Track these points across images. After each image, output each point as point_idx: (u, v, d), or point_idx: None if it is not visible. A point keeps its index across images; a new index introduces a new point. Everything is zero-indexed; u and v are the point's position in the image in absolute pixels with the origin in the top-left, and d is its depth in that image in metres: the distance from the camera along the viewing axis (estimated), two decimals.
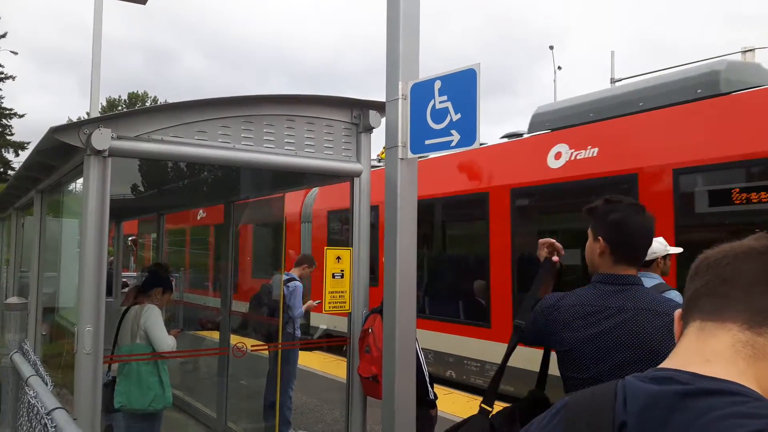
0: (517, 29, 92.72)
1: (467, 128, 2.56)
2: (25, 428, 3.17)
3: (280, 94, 3.47)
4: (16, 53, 45.06)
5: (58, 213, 4.84)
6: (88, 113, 11.10)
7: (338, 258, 3.57)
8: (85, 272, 2.87)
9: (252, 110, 3.34)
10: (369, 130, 3.65)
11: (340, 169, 3.63)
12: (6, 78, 38.73)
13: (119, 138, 2.93)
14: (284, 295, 5.98)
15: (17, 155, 39.17)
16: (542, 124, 7.87)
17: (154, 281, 4.58)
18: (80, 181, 3.26)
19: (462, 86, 2.60)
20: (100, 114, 11.61)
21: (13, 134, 39.78)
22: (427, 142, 2.74)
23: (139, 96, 50.92)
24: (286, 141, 3.44)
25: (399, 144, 2.84)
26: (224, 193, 5.74)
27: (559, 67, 34.91)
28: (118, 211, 7.31)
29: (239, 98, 3.32)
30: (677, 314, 0.98)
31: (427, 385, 3.68)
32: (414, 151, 2.81)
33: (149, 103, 49.58)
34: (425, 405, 3.61)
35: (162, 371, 4.25)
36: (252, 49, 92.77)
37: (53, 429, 2.43)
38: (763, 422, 0.73)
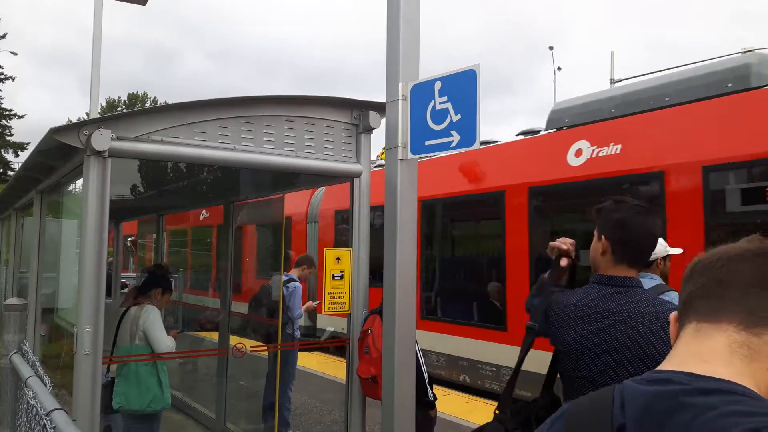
0: (517, 29, 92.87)
1: (467, 129, 2.56)
2: (24, 429, 3.16)
3: (279, 95, 3.47)
4: (15, 54, 44.95)
5: (58, 213, 4.83)
6: (87, 114, 11.10)
7: (338, 259, 3.57)
8: (85, 273, 2.87)
9: (252, 111, 3.34)
10: (369, 130, 3.65)
11: (340, 169, 3.63)
12: (6, 79, 38.69)
13: (119, 139, 2.93)
14: (284, 296, 5.98)
15: (17, 156, 39.13)
16: (561, 121, 7.60)
17: (154, 282, 4.58)
18: (80, 181, 3.26)
19: (462, 87, 2.61)
20: (99, 115, 11.60)
21: (12, 135, 39.72)
22: (427, 142, 2.75)
23: (139, 97, 50.91)
24: (286, 142, 3.44)
25: (399, 145, 2.84)
26: (224, 193, 5.74)
27: (558, 68, 34.86)
28: (117, 211, 7.32)
29: (239, 99, 3.32)
30: (673, 317, 0.99)
31: (427, 386, 3.68)
32: (414, 151, 2.82)
33: (149, 103, 49.56)
34: (424, 406, 3.61)
35: (161, 372, 4.25)
36: (254, 49, 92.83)
37: (52, 430, 2.43)
38: (760, 420, 0.74)
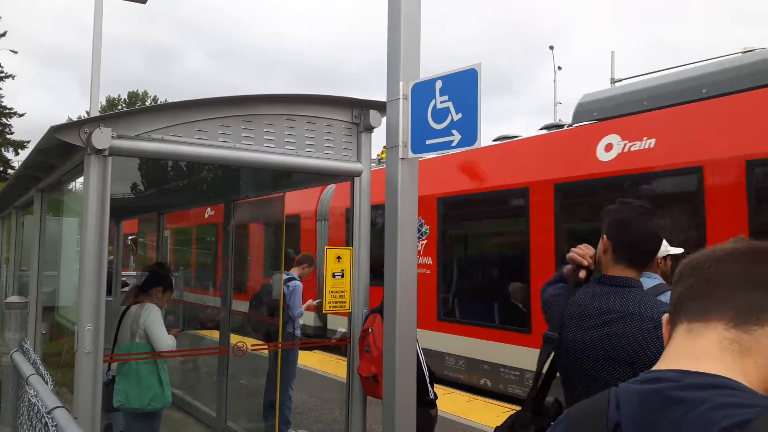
0: (517, 29, 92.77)
1: (468, 128, 2.57)
2: (26, 427, 3.16)
3: (280, 94, 3.47)
4: (15, 52, 44.95)
5: (58, 212, 4.83)
6: (87, 112, 11.09)
7: (338, 257, 3.57)
8: (86, 271, 2.88)
9: (252, 109, 3.34)
10: (369, 129, 3.65)
11: (340, 168, 3.63)
12: (6, 77, 38.71)
13: (119, 137, 2.93)
14: (284, 295, 5.99)
15: (17, 154, 39.18)
16: (589, 114, 7.24)
17: (155, 280, 4.58)
18: (80, 180, 3.26)
19: (463, 86, 2.61)
20: (100, 113, 11.61)
21: (12, 133, 39.79)
22: (427, 141, 2.75)
23: (139, 95, 50.90)
24: (286, 140, 3.44)
25: (400, 144, 2.84)
26: (224, 192, 5.74)
27: (559, 68, 34.93)
28: (118, 210, 7.32)
29: (239, 97, 3.32)
30: (665, 318, 1.00)
31: (427, 385, 3.68)
32: (414, 150, 2.82)
33: (149, 102, 49.52)
34: (425, 405, 3.61)
35: (161, 370, 4.25)
36: (254, 48, 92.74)
37: (54, 428, 2.42)
38: (751, 411, 0.75)
